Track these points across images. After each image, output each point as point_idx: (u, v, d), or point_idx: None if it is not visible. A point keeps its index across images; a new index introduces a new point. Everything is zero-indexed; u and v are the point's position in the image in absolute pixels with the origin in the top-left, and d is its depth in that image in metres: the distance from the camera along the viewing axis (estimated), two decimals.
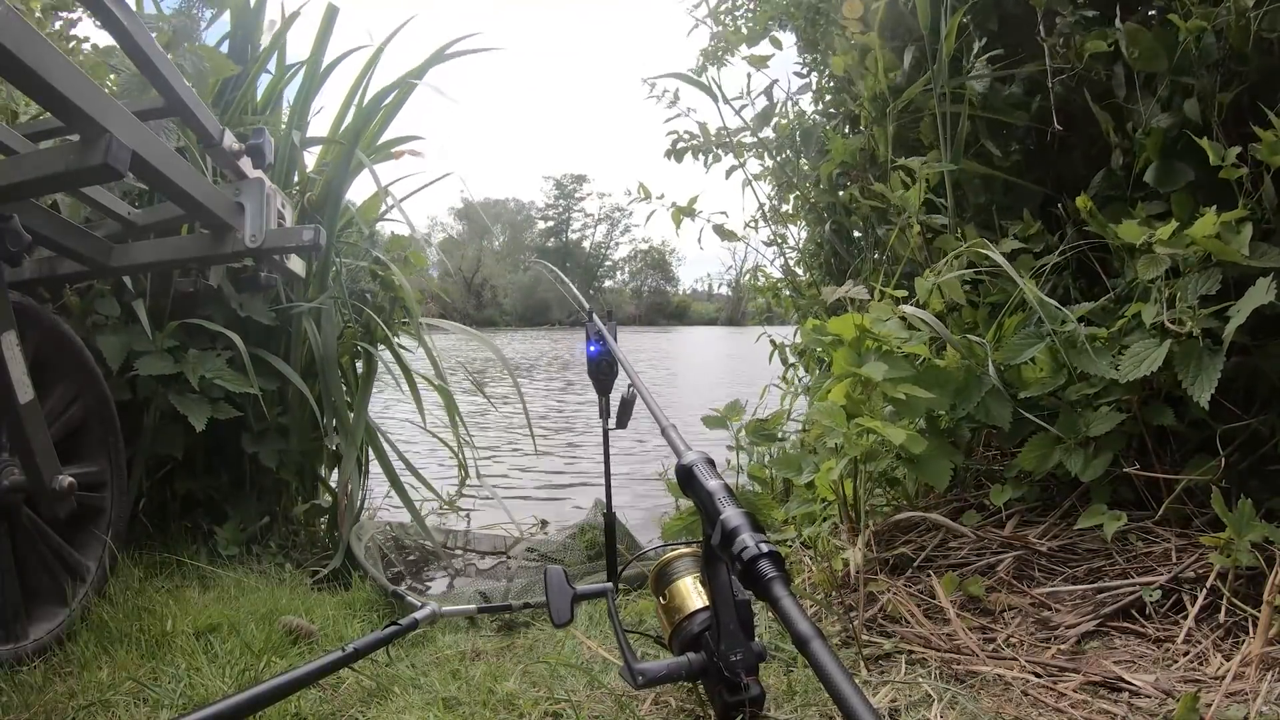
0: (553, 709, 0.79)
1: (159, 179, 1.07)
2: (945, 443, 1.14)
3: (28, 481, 1.07)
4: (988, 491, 1.25)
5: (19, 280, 1.24)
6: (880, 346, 1.08)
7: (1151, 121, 1.19)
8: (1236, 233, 1.00)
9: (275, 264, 1.50)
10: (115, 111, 0.92)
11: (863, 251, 1.90)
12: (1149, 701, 0.82)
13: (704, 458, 0.68)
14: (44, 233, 1.14)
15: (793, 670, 0.86)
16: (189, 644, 1.07)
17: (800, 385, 2.08)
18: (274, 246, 1.31)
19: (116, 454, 1.30)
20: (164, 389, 1.53)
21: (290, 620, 1.20)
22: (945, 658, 0.90)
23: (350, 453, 1.84)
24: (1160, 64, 1.15)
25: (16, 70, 0.80)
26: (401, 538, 2.00)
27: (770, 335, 2.33)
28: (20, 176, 0.93)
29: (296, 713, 0.86)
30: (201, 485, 1.72)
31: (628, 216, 61.21)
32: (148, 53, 1.11)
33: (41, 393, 1.08)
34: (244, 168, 1.33)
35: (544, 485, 3.39)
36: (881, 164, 1.65)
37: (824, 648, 0.44)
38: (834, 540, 1.15)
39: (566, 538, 1.91)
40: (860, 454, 1.05)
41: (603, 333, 1.30)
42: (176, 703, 0.91)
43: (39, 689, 0.94)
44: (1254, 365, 1.10)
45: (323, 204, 1.89)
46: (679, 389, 9.09)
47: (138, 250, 1.33)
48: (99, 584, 1.23)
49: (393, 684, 0.93)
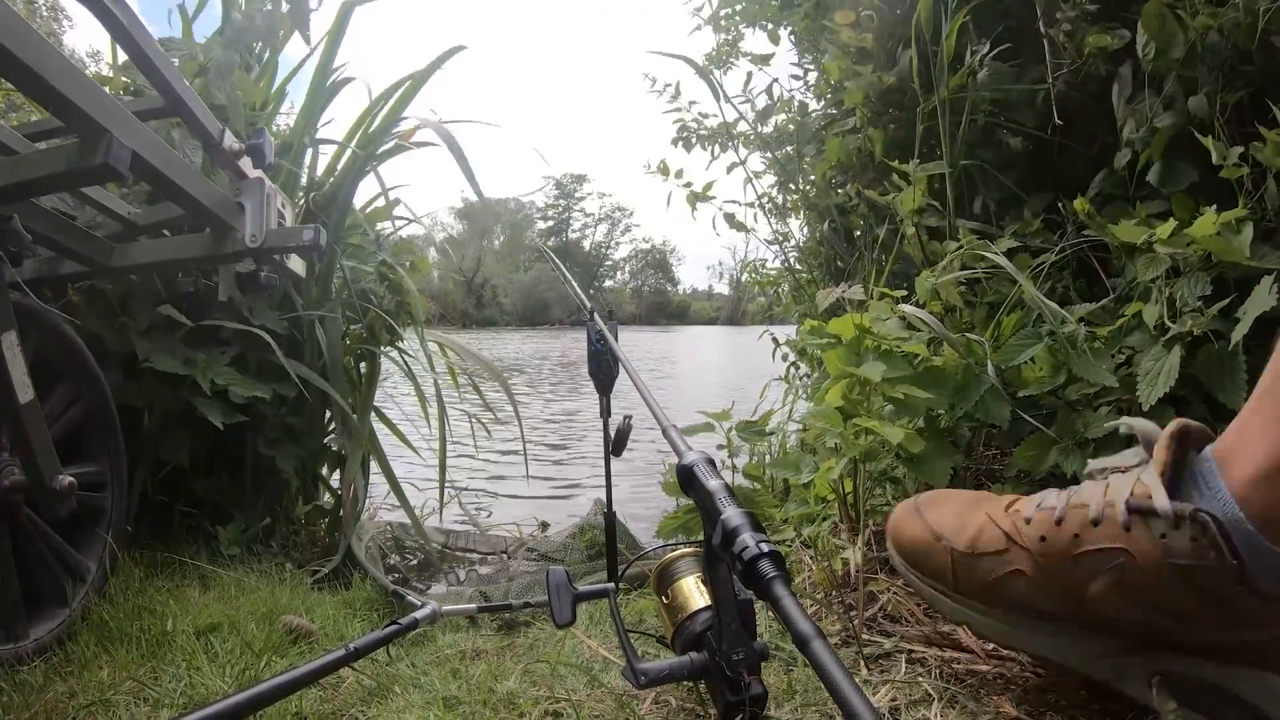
0: (553, 708, 0.79)
1: (159, 179, 1.07)
2: (944, 442, 1.14)
3: (28, 481, 1.07)
4: (988, 490, 1.25)
5: (19, 280, 1.24)
6: (879, 346, 1.08)
7: (1155, 121, 1.18)
8: (1237, 233, 1.00)
9: (275, 264, 1.50)
10: (115, 111, 0.92)
11: (861, 251, 1.89)
12: None
13: (704, 457, 0.68)
14: (44, 233, 1.14)
15: (793, 670, 0.86)
16: (189, 643, 1.07)
17: (801, 384, 2.07)
18: (274, 246, 1.31)
19: (117, 454, 1.31)
20: (173, 391, 1.52)
21: (291, 620, 1.20)
22: (945, 657, 0.90)
23: (356, 454, 1.85)
24: (1177, 51, 1.13)
25: (16, 70, 0.80)
26: (402, 538, 2.00)
27: (772, 333, 2.33)
28: (20, 176, 0.93)
29: (297, 712, 0.86)
30: (204, 486, 1.72)
31: (628, 216, 61.24)
32: (147, 52, 1.11)
33: (41, 393, 1.08)
34: (244, 167, 1.33)
35: (544, 487, 3.39)
36: (878, 164, 1.65)
37: (824, 647, 0.44)
38: (834, 540, 1.15)
39: (566, 537, 1.92)
40: (859, 454, 1.05)
41: (603, 332, 1.29)
42: (177, 702, 0.91)
43: (39, 688, 0.94)
44: (1256, 364, 1.10)
45: (328, 206, 1.89)
46: (680, 388, 9.09)
47: (138, 250, 1.33)
48: (99, 584, 1.23)
49: (393, 683, 0.93)
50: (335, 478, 2.01)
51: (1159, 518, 0.57)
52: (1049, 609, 0.64)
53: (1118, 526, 0.59)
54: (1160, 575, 0.57)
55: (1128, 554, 0.58)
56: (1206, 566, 0.55)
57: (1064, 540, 0.62)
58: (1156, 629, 0.59)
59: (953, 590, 0.70)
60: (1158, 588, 0.57)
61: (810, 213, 2.16)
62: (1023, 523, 0.66)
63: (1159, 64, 1.17)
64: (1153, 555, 0.57)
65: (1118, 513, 0.59)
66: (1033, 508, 0.66)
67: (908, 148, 1.53)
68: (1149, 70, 1.20)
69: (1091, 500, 0.61)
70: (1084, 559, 0.61)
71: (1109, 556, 0.59)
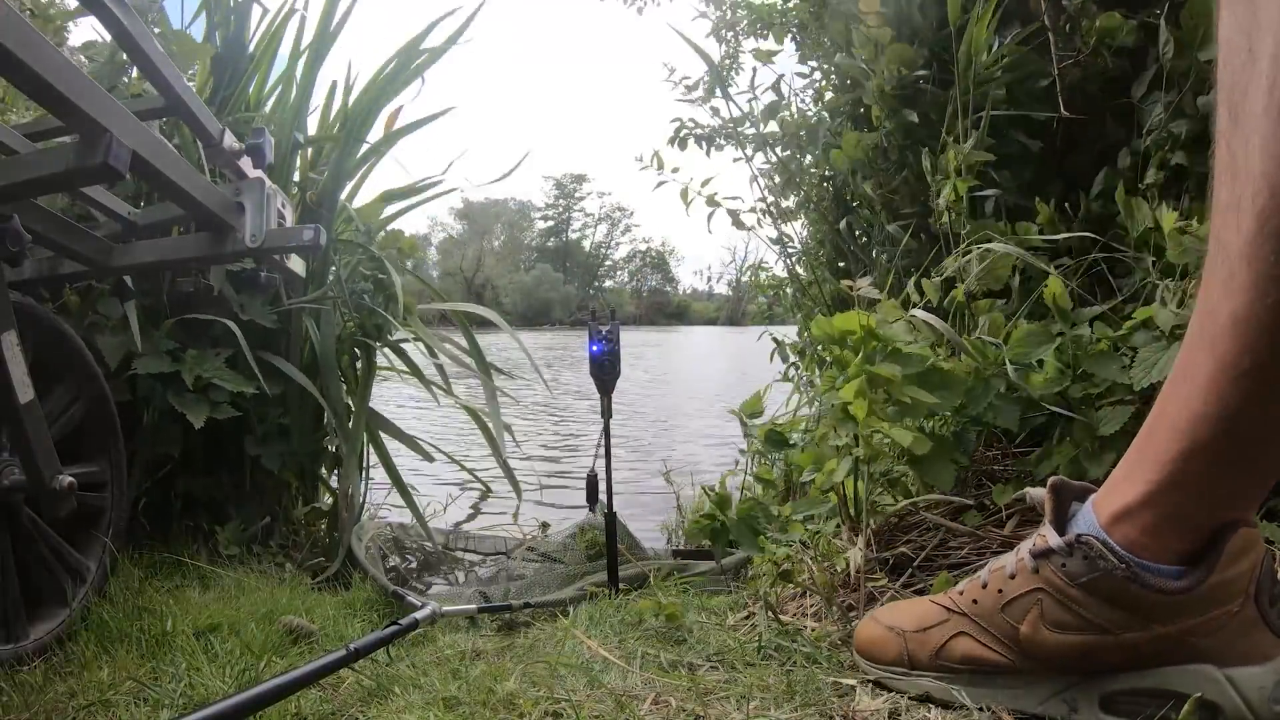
0: (553, 708, 0.79)
1: (159, 179, 1.07)
2: (948, 445, 1.14)
3: (28, 481, 1.07)
4: (988, 491, 1.25)
5: (19, 280, 1.24)
6: (886, 347, 1.08)
7: (1171, 127, 1.18)
8: None
9: (275, 264, 1.50)
10: (115, 111, 0.92)
11: (870, 250, 1.89)
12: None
13: None
14: (44, 233, 1.14)
15: (793, 670, 0.86)
16: (189, 644, 1.07)
17: (803, 384, 2.08)
18: (274, 246, 1.31)
19: (116, 454, 1.31)
20: (163, 389, 1.53)
21: (290, 620, 1.20)
22: None
23: (351, 453, 1.84)
24: (1206, 53, 1.12)
25: (16, 70, 0.80)
26: (402, 538, 2.00)
27: (772, 334, 2.33)
28: (20, 176, 0.93)
29: (297, 712, 0.86)
30: (202, 485, 1.72)
31: (628, 216, 61.30)
32: (147, 52, 1.11)
33: (41, 393, 1.08)
34: (244, 167, 1.33)
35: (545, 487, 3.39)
36: (894, 160, 1.64)
37: None
38: (835, 540, 1.15)
39: (566, 537, 1.91)
40: (864, 454, 1.05)
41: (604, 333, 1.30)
42: (177, 702, 0.90)
43: (39, 689, 0.94)
44: None
45: (320, 203, 1.89)
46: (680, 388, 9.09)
47: (138, 250, 1.33)
48: (99, 584, 1.23)
49: (393, 683, 0.93)
50: (335, 478, 2.01)
51: (1055, 553, 0.69)
52: (993, 659, 0.73)
53: (1028, 572, 0.71)
54: (1072, 598, 0.68)
55: (1043, 590, 0.70)
56: (1103, 575, 0.66)
57: (991, 597, 0.74)
58: (1089, 653, 0.68)
59: (909, 668, 0.79)
60: (1074, 609, 0.68)
61: (813, 213, 2.16)
62: (956, 594, 0.78)
63: (1179, 61, 1.16)
64: (1060, 584, 0.69)
65: (1026, 562, 0.72)
66: (965, 583, 0.79)
67: (924, 144, 1.52)
68: (1168, 68, 1.19)
69: (1006, 562, 0.75)
70: (1010, 607, 0.72)
71: (1028, 598, 0.71)
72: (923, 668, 0.78)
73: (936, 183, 1.39)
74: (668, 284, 62.31)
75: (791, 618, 1.05)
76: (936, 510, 1.20)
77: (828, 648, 0.92)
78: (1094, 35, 1.27)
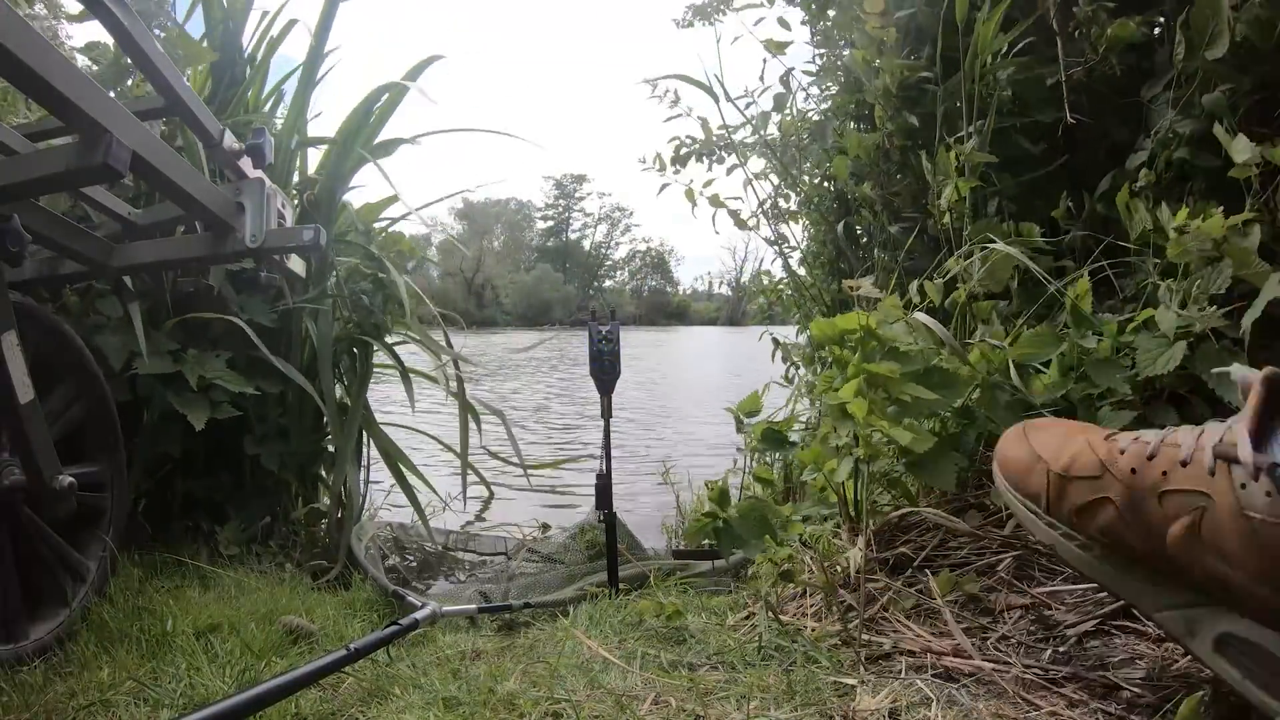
0: (553, 709, 0.79)
1: (159, 179, 1.07)
2: (949, 445, 1.14)
3: (28, 481, 1.07)
4: (988, 491, 1.25)
5: (19, 280, 1.24)
6: (884, 346, 1.08)
7: (1175, 128, 1.17)
8: (1244, 235, 1.00)
9: (276, 264, 1.50)
10: (115, 111, 0.92)
11: (871, 250, 1.89)
12: (1149, 701, 0.81)
13: None
14: (44, 233, 1.14)
15: (792, 670, 0.86)
16: (189, 644, 1.07)
17: (803, 385, 2.07)
18: (274, 246, 1.31)
19: (117, 454, 1.31)
20: (164, 389, 1.53)
21: (291, 620, 1.20)
22: (944, 657, 0.90)
23: (345, 451, 1.84)
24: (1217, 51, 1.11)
25: (16, 70, 0.80)
26: (402, 538, 2.00)
27: (772, 334, 2.33)
28: (20, 176, 0.93)
29: (297, 712, 0.86)
30: (202, 485, 1.72)
31: (628, 216, 61.26)
32: (148, 52, 1.11)
33: (42, 393, 1.08)
34: (244, 168, 1.33)
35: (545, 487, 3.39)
36: (896, 161, 1.64)
37: None
38: (835, 540, 1.15)
39: (567, 538, 1.91)
40: (864, 454, 1.05)
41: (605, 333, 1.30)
42: (177, 703, 0.90)
43: (39, 689, 0.94)
44: (1256, 362, 1.10)
45: (319, 204, 1.89)
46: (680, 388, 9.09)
47: (138, 250, 1.33)
48: (99, 584, 1.23)
49: (393, 684, 0.93)
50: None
51: (1240, 466, 0.56)
52: (1132, 544, 0.64)
53: (1204, 470, 0.59)
54: (1234, 526, 0.56)
55: (1209, 499, 0.58)
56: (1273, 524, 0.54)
57: (1153, 476, 0.62)
58: (1226, 585, 0.58)
59: (1045, 512, 0.70)
60: (1231, 539, 0.56)
61: (814, 214, 2.16)
62: (1118, 452, 0.66)
63: (1189, 62, 1.16)
64: (1230, 504, 0.56)
65: (1205, 457, 0.59)
66: (1129, 440, 0.66)
67: (927, 145, 1.52)
68: (1180, 69, 1.18)
69: (1184, 442, 0.61)
70: (1169, 498, 0.61)
71: (1191, 499, 0.59)
72: (1059, 518, 0.69)
73: (938, 183, 1.39)
74: (668, 284, 62.28)
75: (791, 618, 1.05)
76: (937, 507, 1.20)
77: (828, 648, 0.92)
78: (1104, 43, 1.27)
